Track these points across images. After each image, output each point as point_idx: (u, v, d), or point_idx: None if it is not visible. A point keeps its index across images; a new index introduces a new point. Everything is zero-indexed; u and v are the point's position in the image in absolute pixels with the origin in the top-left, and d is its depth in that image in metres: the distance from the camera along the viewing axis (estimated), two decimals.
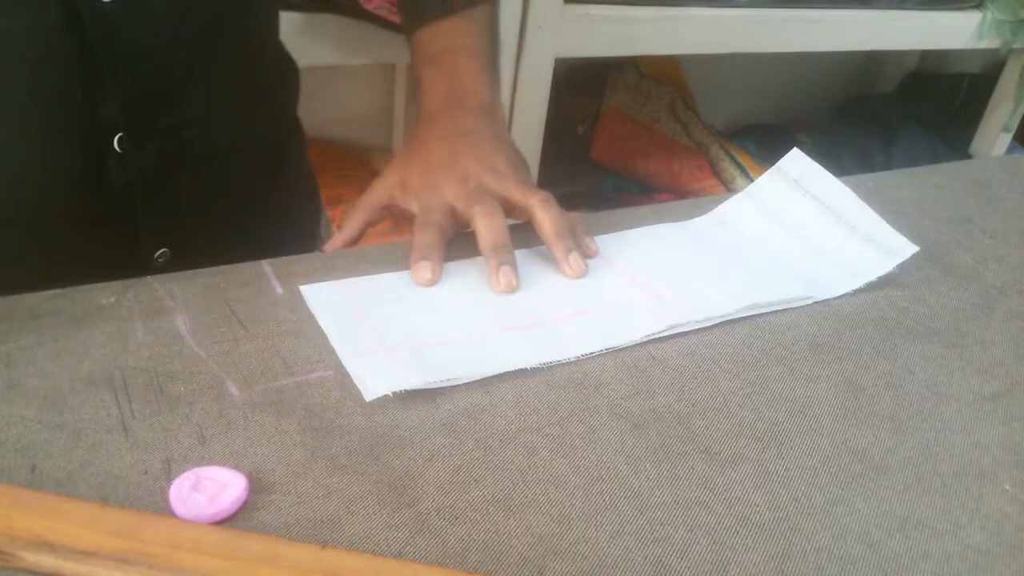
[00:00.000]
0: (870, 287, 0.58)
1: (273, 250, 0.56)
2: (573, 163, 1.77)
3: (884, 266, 0.58)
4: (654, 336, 0.50)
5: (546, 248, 0.57)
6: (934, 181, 0.76)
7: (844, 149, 2.03)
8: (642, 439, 0.43)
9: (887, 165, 1.99)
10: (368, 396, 0.43)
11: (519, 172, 0.61)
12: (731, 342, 0.51)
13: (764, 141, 1.95)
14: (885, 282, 0.58)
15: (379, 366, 0.45)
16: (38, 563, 0.32)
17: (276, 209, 0.72)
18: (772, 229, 0.62)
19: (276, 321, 0.49)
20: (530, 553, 0.36)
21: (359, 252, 0.57)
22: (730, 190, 1.71)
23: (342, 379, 0.45)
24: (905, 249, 0.59)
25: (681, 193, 1.75)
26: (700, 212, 0.65)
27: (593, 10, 1.31)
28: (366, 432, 0.42)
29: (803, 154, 0.63)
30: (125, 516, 0.34)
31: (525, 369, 0.47)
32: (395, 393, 0.43)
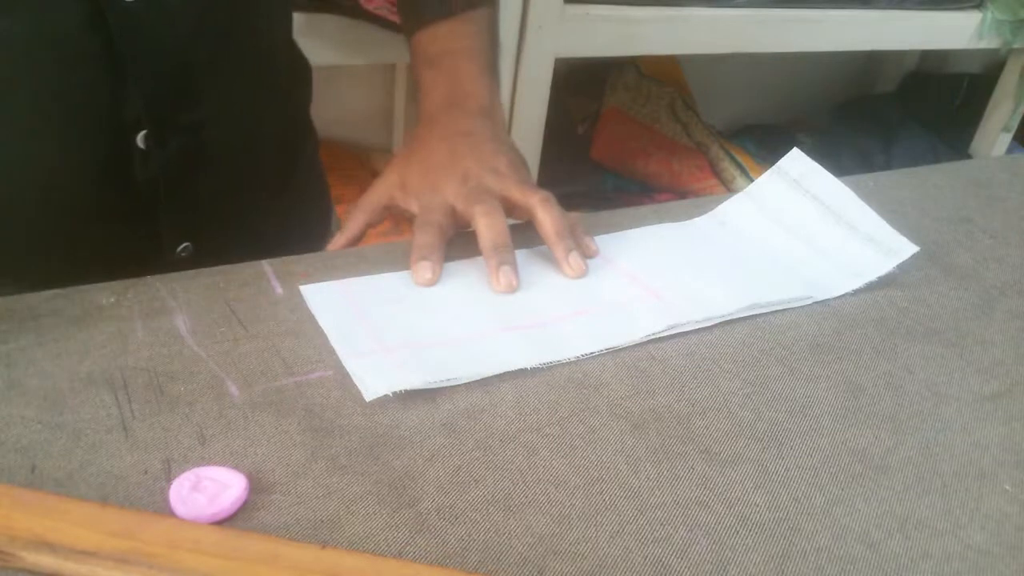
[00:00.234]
0: (870, 287, 0.58)
1: (287, 247, 0.57)
2: (573, 163, 1.77)
3: (884, 266, 0.58)
4: (654, 336, 0.50)
5: (546, 248, 0.57)
6: (934, 181, 0.76)
7: (844, 149, 2.03)
8: (642, 439, 0.43)
9: (887, 165, 1.99)
10: (368, 396, 0.43)
11: (519, 172, 0.61)
12: (731, 342, 0.51)
13: (764, 141, 1.95)
14: (885, 282, 0.58)
15: (379, 366, 0.45)
16: (38, 563, 0.32)
17: (287, 208, 0.73)
18: (772, 229, 0.62)
19: (276, 321, 0.49)
20: (530, 553, 0.36)
21: (359, 252, 0.57)
22: (730, 190, 1.71)
23: (342, 379, 0.45)
24: (905, 249, 0.59)
25: (681, 193, 1.75)
26: (700, 212, 0.65)
27: (593, 10, 1.31)
28: (366, 432, 0.42)
29: (803, 154, 0.63)
30: (125, 516, 0.34)
31: (525, 369, 0.47)
32: (395, 393, 0.43)
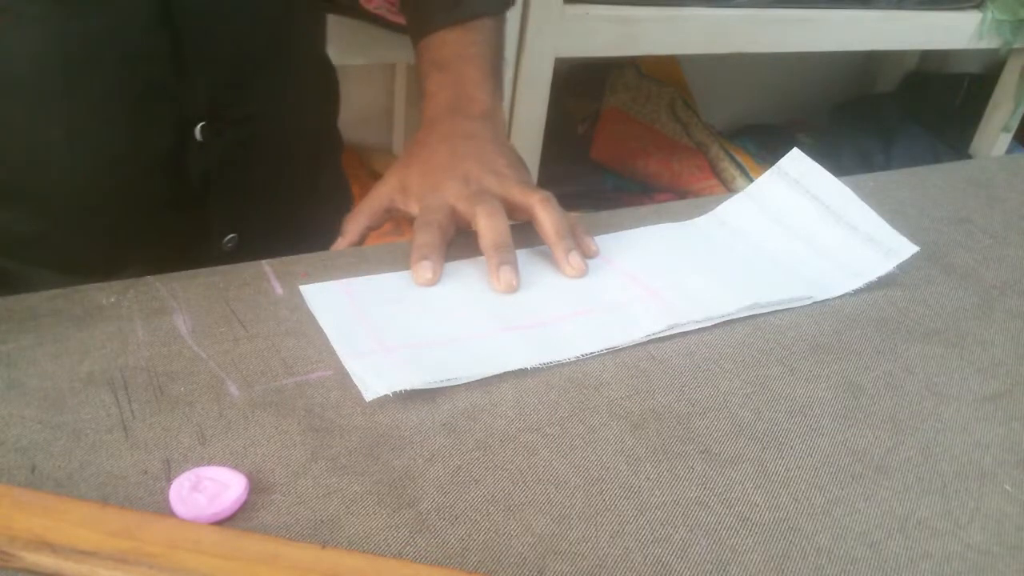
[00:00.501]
0: (870, 287, 0.58)
1: (321, 245, 0.59)
2: (573, 163, 1.77)
3: (884, 266, 0.58)
4: (654, 336, 0.50)
5: (546, 248, 0.57)
6: (934, 181, 0.76)
7: (844, 149, 2.03)
8: (642, 439, 0.43)
9: (887, 165, 1.99)
10: (368, 396, 0.43)
11: (520, 173, 0.61)
12: (731, 342, 0.51)
13: (764, 141, 1.95)
14: (885, 282, 0.58)
15: (379, 366, 0.45)
16: (38, 563, 0.32)
17: (317, 207, 0.75)
18: (772, 229, 0.62)
19: (276, 321, 0.49)
20: (530, 553, 0.36)
21: (359, 252, 0.57)
22: (730, 190, 1.71)
23: (342, 379, 0.45)
24: (905, 249, 0.59)
25: (681, 193, 1.75)
26: (700, 212, 0.65)
27: (593, 10, 1.31)
28: (366, 432, 0.42)
29: (803, 154, 0.63)
30: (125, 516, 0.34)
31: (525, 369, 0.47)
32: (395, 393, 0.43)
